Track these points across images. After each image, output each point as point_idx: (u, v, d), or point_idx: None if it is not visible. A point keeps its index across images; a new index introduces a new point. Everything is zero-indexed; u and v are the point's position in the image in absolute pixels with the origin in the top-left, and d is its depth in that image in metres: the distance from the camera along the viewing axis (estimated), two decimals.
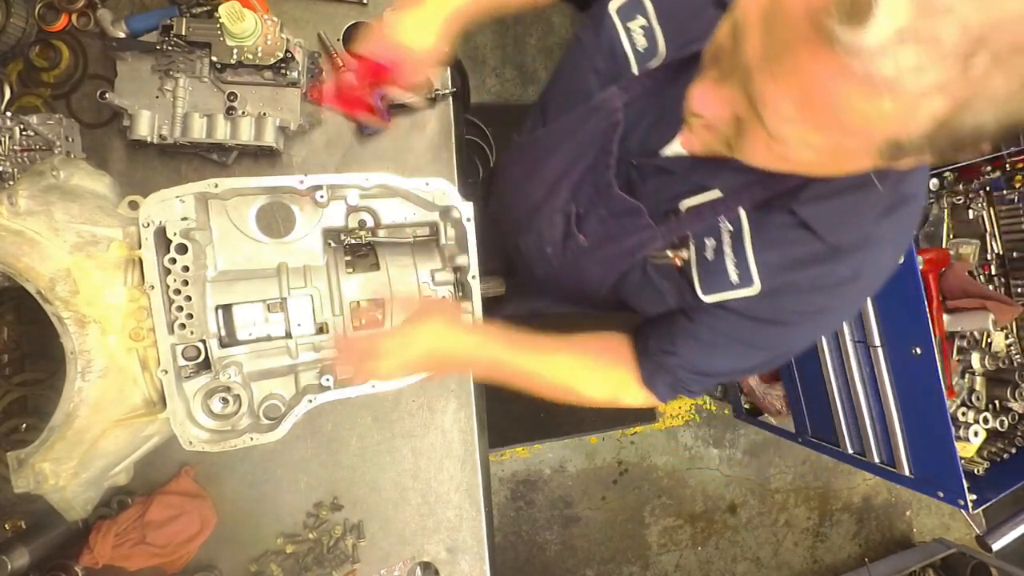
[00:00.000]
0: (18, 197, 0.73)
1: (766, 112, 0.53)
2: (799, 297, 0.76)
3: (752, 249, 0.75)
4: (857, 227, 0.71)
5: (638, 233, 0.82)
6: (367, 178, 0.87)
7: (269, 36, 0.89)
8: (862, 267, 0.74)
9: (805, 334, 0.83)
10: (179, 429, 0.79)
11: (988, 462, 1.67)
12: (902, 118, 0.46)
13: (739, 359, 0.85)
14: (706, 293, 0.80)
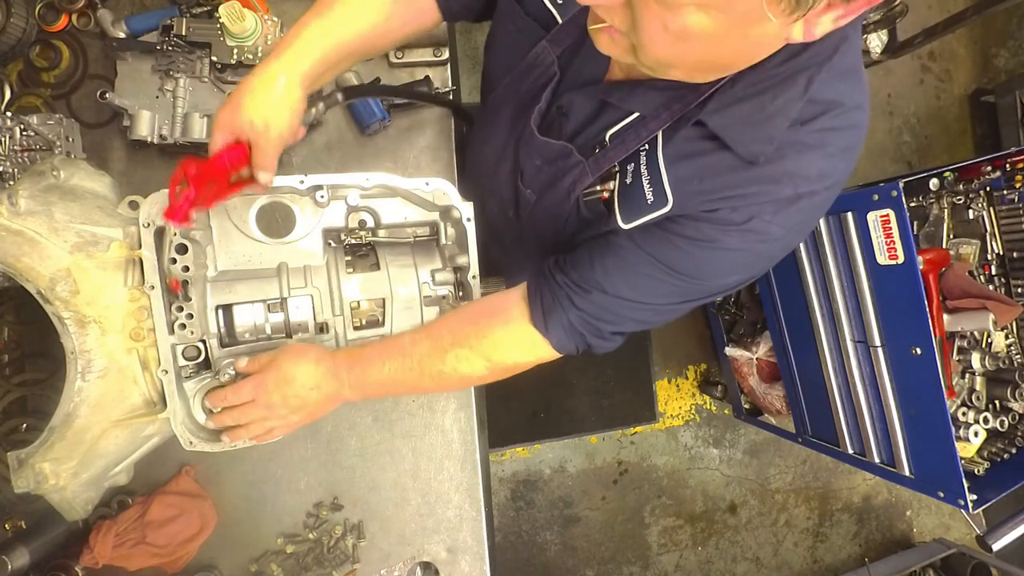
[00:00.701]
0: (18, 197, 0.73)
1: None
2: (717, 207, 0.70)
3: (664, 164, 0.72)
4: (766, 133, 0.67)
5: (570, 172, 0.81)
6: (367, 178, 0.87)
7: (269, 36, 0.89)
8: (783, 173, 0.68)
9: (735, 255, 0.73)
10: (179, 429, 0.79)
11: (988, 462, 1.67)
12: None
13: (660, 286, 0.76)
14: (626, 221, 0.76)
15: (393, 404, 1.11)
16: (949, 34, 2.29)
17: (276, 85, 0.75)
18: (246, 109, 0.75)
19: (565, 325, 0.79)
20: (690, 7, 0.51)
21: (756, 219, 0.70)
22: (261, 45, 0.89)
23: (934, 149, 2.98)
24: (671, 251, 0.73)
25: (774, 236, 0.72)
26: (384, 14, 0.82)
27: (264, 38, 0.89)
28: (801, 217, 0.72)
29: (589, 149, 0.80)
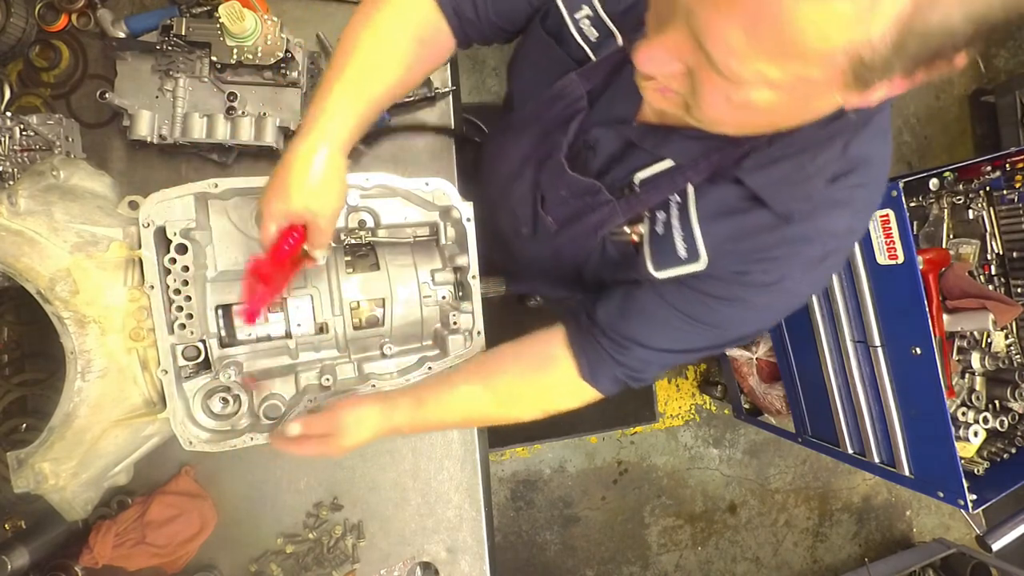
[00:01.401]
0: (18, 197, 0.73)
1: (715, 48, 0.49)
2: (750, 269, 0.72)
3: (698, 221, 0.73)
4: (805, 192, 0.68)
5: (599, 209, 0.81)
6: (367, 178, 0.87)
7: (269, 36, 0.89)
8: (815, 232, 0.70)
9: (763, 311, 0.78)
10: (179, 429, 0.79)
11: (988, 462, 1.67)
12: (861, 21, 0.42)
13: (692, 336, 0.80)
14: (657, 269, 0.77)
15: None
16: None
17: (319, 162, 0.72)
18: (297, 197, 0.72)
19: (611, 377, 0.84)
20: (756, 82, 0.50)
21: (787, 280, 0.73)
22: (261, 45, 0.89)
23: (934, 149, 2.98)
24: (701, 308, 0.76)
25: (801, 293, 0.76)
26: (406, 64, 0.79)
27: (264, 38, 0.89)
28: (826, 273, 0.76)
29: (617, 189, 0.80)
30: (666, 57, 0.55)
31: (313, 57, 1.00)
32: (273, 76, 0.93)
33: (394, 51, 0.78)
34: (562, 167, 0.83)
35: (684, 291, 0.77)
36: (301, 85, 0.96)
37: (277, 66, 0.91)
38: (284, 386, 0.90)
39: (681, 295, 0.77)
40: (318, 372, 0.89)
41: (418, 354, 0.94)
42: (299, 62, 0.94)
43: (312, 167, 0.71)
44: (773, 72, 0.48)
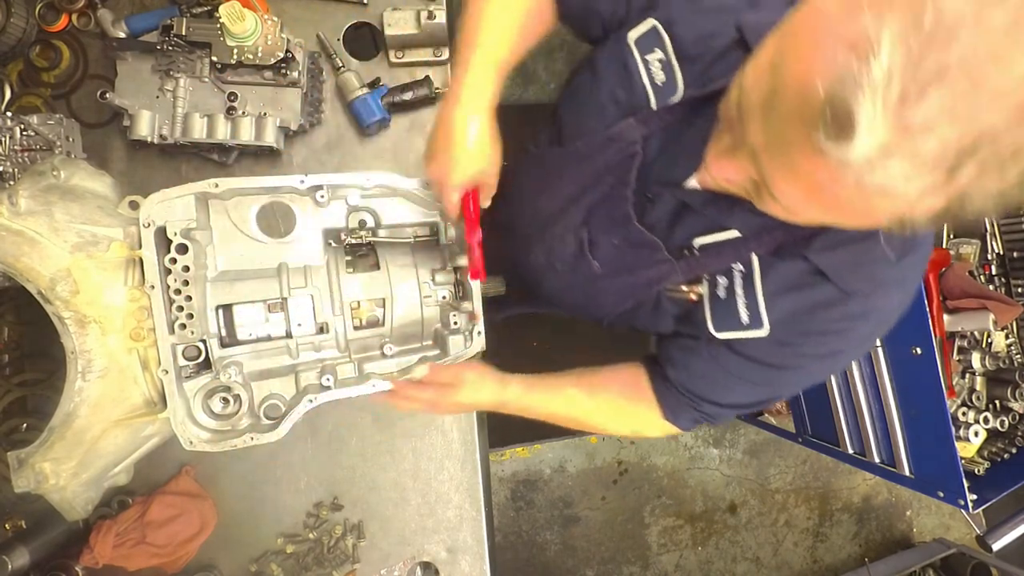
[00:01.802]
0: (18, 197, 0.73)
1: (776, 193, 0.54)
2: (809, 341, 0.78)
3: (763, 292, 0.76)
4: (870, 273, 0.72)
5: (655, 267, 0.82)
6: (367, 178, 0.87)
7: (269, 36, 0.89)
8: (871, 309, 0.75)
9: (815, 375, 0.85)
10: (179, 429, 0.79)
11: (988, 462, 1.67)
12: (901, 213, 0.47)
13: (752, 394, 0.88)
14: (718, 330, 0.81)
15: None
16: None
17: (477, 130, 0.79)
18: (469, 165, 0.80)
19: (690, 419, 0.93)
20: (810, 217, 0.55)
21: (841, 353, 0.80)
22: (261, 45, 0.89)
23: None
24: (758, 374, 0.83)
25: (851, 359, 0.84)
26: (523, 33, 0.86)
27: (264, 38, 0.89)
28: (875, 341, 0.83)
29: (675, 249, 0.81)
30: (736, 172, 0.59)
31: (313, 57, 1.00)
32: (273, 76, 0.93)
33: (514, 20, 0.84)
34: (628, 219, 0.82)
35: (741, 360, 0.82)
36: (301, 85, 0.96)
37: (277, 66, 0.91)
38: (284, 386, 0.90)
39: (739, 363, 0.82)
40: (318, 372, 0.89)
41: (418, 354, 0.94)
42: (299, 62, 0.93)
43: (473, 137, 0.79)
44: (826, 216, 0.54)
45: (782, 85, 0.47)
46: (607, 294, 0.92)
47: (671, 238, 0.81)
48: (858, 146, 0.42)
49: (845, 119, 0.42)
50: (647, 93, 0.79)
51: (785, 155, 0.50)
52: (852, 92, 0.41)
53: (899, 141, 0.42)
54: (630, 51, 0.79)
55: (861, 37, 0.41)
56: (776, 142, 0.50)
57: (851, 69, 0.41)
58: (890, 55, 0.40)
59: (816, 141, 0.44)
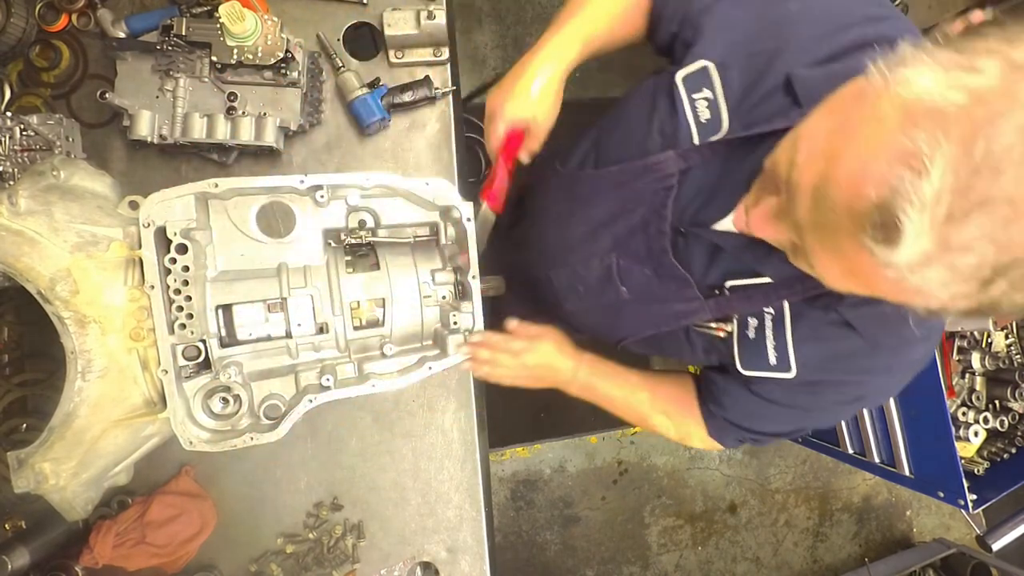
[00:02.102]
0: (18, 197, 0.73)
1: (815, 264, 0.57)
2: (833, 389, 0.81)
3: (792, 338, 0.78)
4: (899, 332, 0.74)
5: (685, 302, 0.84)
6: (367, 178, 0.87)
7: (269, 36, 0.89)
8: (896, 364, 0.78)
9: (836, 416, 0.92)
10: (179, 429, 0.79)
11: (988, 462, 1.67)
12: (935, 309, 0.50)
13: (785, 425, 0.92)
14: (745, 368, 0.83)
15: (393, 404, 1.11)
16: None
17: (546, 76, 0.87)
18: (524, 103, 0.88)
19: (734, 440, 0.98)
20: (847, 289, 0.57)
21: (863, 400, 0.85)
22: (261, 45, 0.89)
23: None
24: (784, 414, 0.87)
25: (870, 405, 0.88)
26: (615, 24, 0.92)
27: (264, 38, 0.89)
28: (895, 391, 0.87)
29: (706, 287, 0.83)
30: (776, 233, 0.62)
31: (313, 57, 1.00)
32: (273, 76, 0.93)
33: (611, 10, 0.90)
34: (664, 252, 0.83)
35: (768, 405, 0.86)
36: (301, 85, 0.96)
37: (277, 66, 0.91)
38: (284, 386, 0.90)
39: (762, 406, 0.86)
40: (318, 372, 0.89)
41: (418, 354, 0.94)
42: (299, 62, 0.93)
43: (539, 84, 0.87)
44: (860, 292, 0.56)
45: (835, 178, 0.50)
46: (631, 320, 0.94)
47: (703, 276, 0.82)
48: (901, 252, 0.46)
49: (892, 226, 0.45)
50: (690, 129, 0.80)
51: (831, 239, 0.52)
52: (901, 204, 0.44)
53: (940, 254, 0.45)
54: (677, 89, 0.80)
55: (915, 155, 0.44)
56: (823, 225, 0.52)
57: (903, 182, 0.44)
58: (941, 177, 0.43)
59: (862, 238, 0.48)
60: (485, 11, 2.45)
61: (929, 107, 0.45)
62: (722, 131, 0.77)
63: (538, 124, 0.91)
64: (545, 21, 2.48)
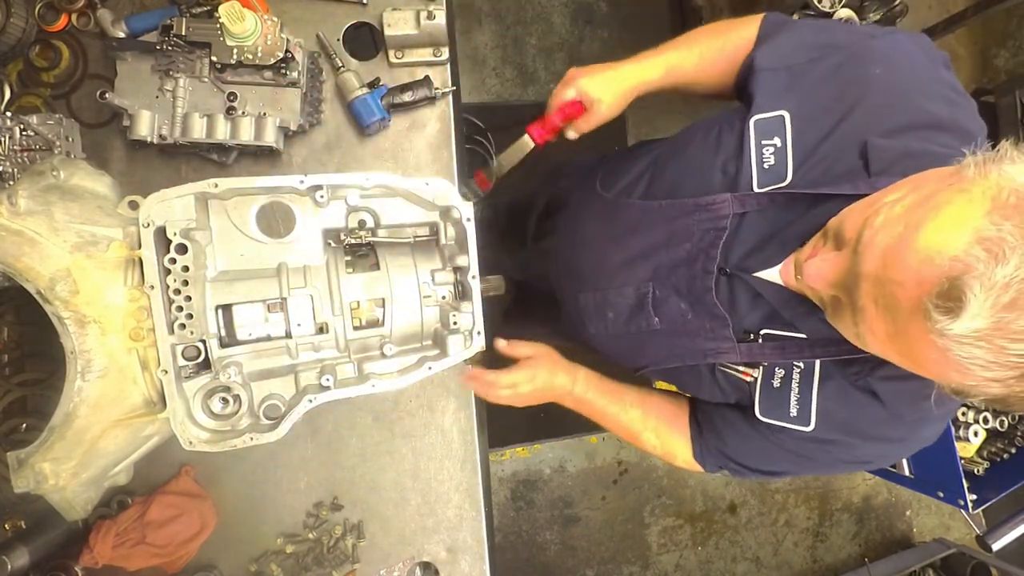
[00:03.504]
0: (18, 197, 0.73)
1: (862, 323, 0.59)
2: (844, 448, 0.83)
3: (817, 395, 0.79)
4: (920, 407, 0.76)
5: (717, 341, 0.84)
6: (367, 178, 0.87)
7: (269, 36, 0.89)
8: (909, 436, 0.81)
9: (833, 470, 0.94)
10: (179, 429, 0.79)
11: (988, 462, 1.67)
12: (966, 387, 0.54)
13: (778, 467, 0.93)
14: (763, 415, 0.84)
15: (393, 404, 1.11)
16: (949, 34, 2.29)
17: (623, 83, 0.99)
18: (596, 86, 0.98)
19: (715, 467, 1.00)
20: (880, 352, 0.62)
21: (868, 464, 0.90)
22: (261, 45, 0.89)
23: None
24: (788, 458, 0.88)
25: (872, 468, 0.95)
26: (707, 74, 0.98)
27: (264, 38, 0.89)
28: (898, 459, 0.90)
29: (741, 330, 0.83)
30: (828, 287, 0.64)
31: (313, 57, 1.00)
32: (273, 76, 0.93)
33: (711, 66, 0.97)
34: (707, 291, 0.84)
35: (775, 447, 0.87)
36: (301, 85, 0.96)
37: (277, 66, 0.91)
38: (284, 386, 0.90)
39: (773, 448, 0.87)
40: (318, 372, 0.89)
41: (418, 354, 0.94)
42: (299, 62, 0.93)
43: (618, 78, 0.99)
44: (895, 357, 0.60)
45: (912, 242, 0.53)
46: (657, 350, 0.95)
47: (740, 319, 0.83)
48: (958, 324, 0.49)
49: (957, 299, 0.48)
50: (752, 174, 0.80)
51: (888, 299, 0.55)
52: (971, 282, 0.48)
53: (993, 335, 0.48)
54: (748, 132, 0.81)
55: (997, 242, 0.48)
56: (886, 282, 0.55)
57: (979, 263, 0.48)
58: (1016, 268, 0.47)
59: (924, 303, 0.50)
60: (485, 11, 2.45)
61: (1021, 201, 0.49)
62: (785, 182, 0.78)
63: (598, 109, 0.99)
64: (544, 22, 2.49)
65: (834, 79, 0.79)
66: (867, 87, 0.76)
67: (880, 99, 0.75)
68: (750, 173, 0.80)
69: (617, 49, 2.53)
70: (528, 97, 2.45)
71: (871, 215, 0.58)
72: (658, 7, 2.58)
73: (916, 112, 0.73)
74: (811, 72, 0.81)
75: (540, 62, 2.49)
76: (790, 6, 1.94)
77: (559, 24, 2.51)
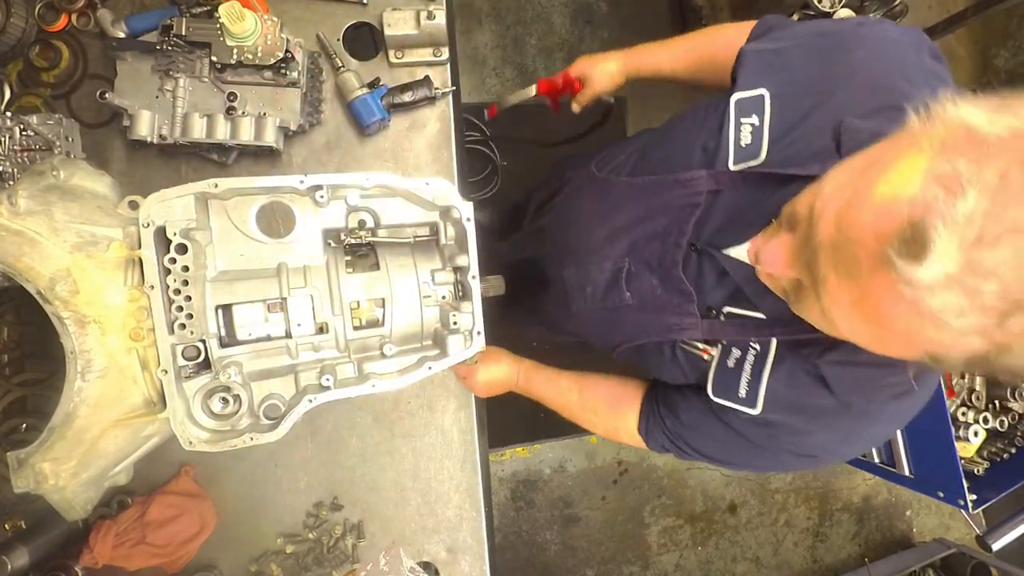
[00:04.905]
0: (18, 197, 0.73)
1: (825, 296, 0.56)
2: (789, 435, 0.82)
3: (768, 378, 0.79)
4: (868, 398, 0.75)
5: (681, 316, 0.85)
6: (367, 178, 0.87)
7: (269, 36, 0.89)
8: (855, 429, 0.79)
9: (787, 466, 0.95)
10: (179, 429, 0.79)
11: (988, 462, 1.67)
12: (942, 345, 0.50)
13: (723, 455, 0.94)
14: (714, 394, 0.84)
15: (393, 404, 1.11)
16: (949, 34, 2.29)
17: (612, 66, 1.18)
18: (589, 66, 1.19)
19: (659, 445, 1.01)
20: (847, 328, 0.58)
21: (814, 459, 0.86)
22: (261, 45, 0.89)
23: None
24: (737, 443, 0.87)
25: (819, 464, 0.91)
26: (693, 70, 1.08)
27: (264, 38, 0.89)
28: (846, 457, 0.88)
29: (705, 307, 0.84)
30: (787, 269, 0.62)
31: (313, 57, 1.00)
32: (273, 76, 0.93)
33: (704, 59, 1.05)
34: (674, 265, 0.85)
35: (725, 427, 0.87)
36: (301, 85, 0.96)
37: (277, 66, 0.91)
38: (284, 386, 0.90)
39: (723, 429, 0.87)
40: (318, 372, 0.89)
41: (418, 354, 0.94)
42: (299, 62, 0.93)
43: (607, 65, 1.18)
44: (863, 329, 0.56)
45: (868, 194, 0.51)
46: (628, 326, 0.95)
47: (706, 296, 0.84)
48: (926, 269, 0.46)
49: (921, 242, 0.46)
50: (728, 152, 0.80)
51: (848, 262, 0.52)
52: (933, 220, 0.45)
53: (964, 276, 0.45)
54: (728, 110, 0.81)
55: (953, 177, 0.45)
56: (845, 245, 0.52)
57: (937, 201, 0.45)
58: (976, 200, 0.44)
59: (887, 253, 0.48)
60: (485, 11, 2.45)
61: (971, 134, 0.46)
62: (759, 159, 0.78)
63: (591, 84, 1.18)
64: (544, 21, 2.49)
65: (817, 61, 0.79)
66: (849, 69, 0.76)
67: (861, 81, 0.75)
68: (727, 151, 0.80)
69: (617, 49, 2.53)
70: None
71: (820, 187, 0.57)
72: (658, 7, 2.58)
73: (895, 94, 0.72)
74: (795, 54, 0.81)
75: (540, 62, 2.49)
76: (790, 6, 1.94)
77: (559, 24, 2.51)
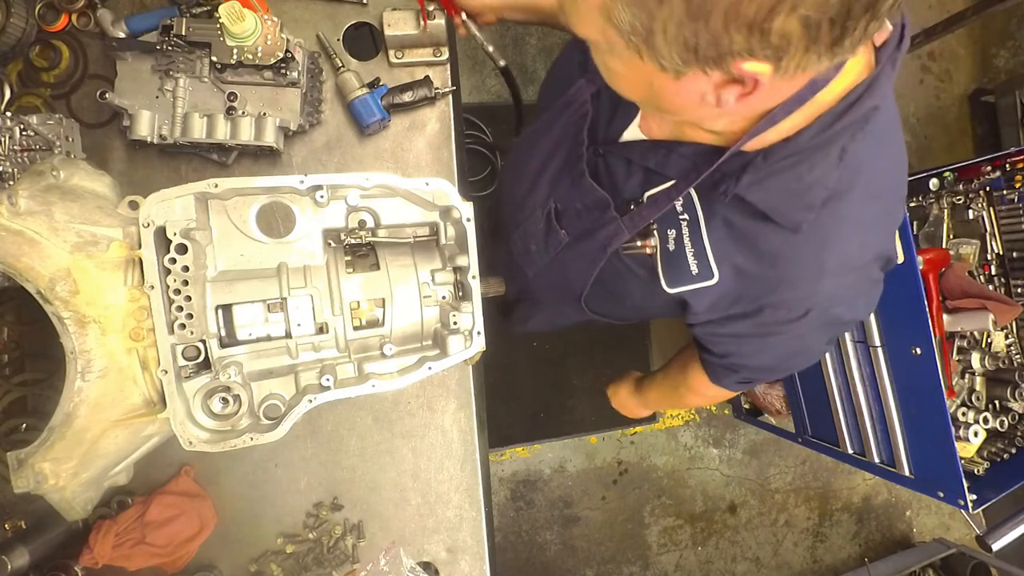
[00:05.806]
0: (18, 197, 0.73)
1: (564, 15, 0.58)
2: (770, 295, 0.76)
3: (709, 239, 0.75)
4: (806, 203, 0.69)
5: (606, 226, 0.83)
6: (367, 178, 0.87)
7: (269, 36, 0.89)
8: (827, 259, 0.72)
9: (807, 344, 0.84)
10: (179, 429, 0.79)
11: (988, 462, 1.67)
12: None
13: (760, 359, 0.89)
14: (670, 286, 0.81)
15: (393, 404, 1.11)
16: (949, 34, 2.29)
17: None
18: None
19: (733, 383, 0.99)
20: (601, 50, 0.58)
21: (822, 310, 0.77)
22: (261, 45, 0.89)
23: (934, 149, 2.98)
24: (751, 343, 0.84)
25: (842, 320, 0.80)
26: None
27: (264, 38, 0.89)
28: (861, 290, 0.78)
29: (624, 205, 0.82)
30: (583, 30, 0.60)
31: (313, 57, 1.00)
32: (273, 76, 0.93)
33: None
34: (582, 175, 0.84)
35: (729, 338, 0.85)
36: (301, 85, 0.96)
37: (277, 66, 0.91)
38: (284, 386, 0.90)
39: (731, 340, 0.85)
40: (318, 372, 0.89)
41: (418, 354, 0.94)
42: (299, 62, 0.93)
43: None
44: (587, 33, 0.55)
45: None
46: (575, 265, 0.93)
47: (624, 191, 0.82)
48: None
49: None
50: None
51: None
52: None
53: None
54: None
55: None
56: None
57: None
58: None
59: None
60: None
61: None
62: None
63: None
64: None
65: None
66: None
67: None
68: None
69: None
70: (528, 97, 2.44)
71: None
72: None
73: None
74: None
75: (540, 62, 2.49)
76: None
77: None
